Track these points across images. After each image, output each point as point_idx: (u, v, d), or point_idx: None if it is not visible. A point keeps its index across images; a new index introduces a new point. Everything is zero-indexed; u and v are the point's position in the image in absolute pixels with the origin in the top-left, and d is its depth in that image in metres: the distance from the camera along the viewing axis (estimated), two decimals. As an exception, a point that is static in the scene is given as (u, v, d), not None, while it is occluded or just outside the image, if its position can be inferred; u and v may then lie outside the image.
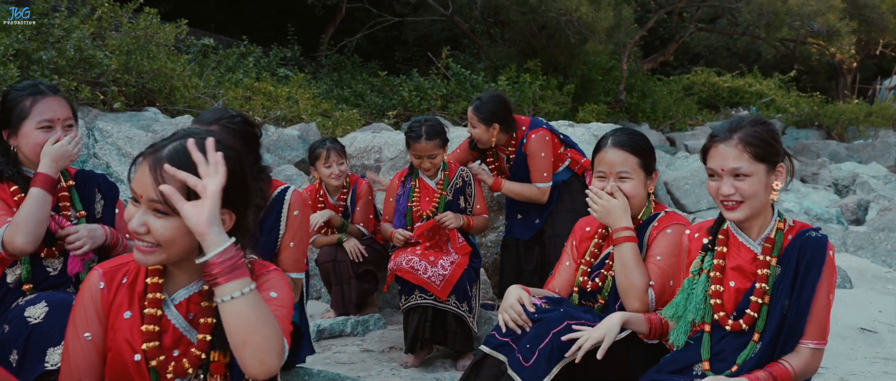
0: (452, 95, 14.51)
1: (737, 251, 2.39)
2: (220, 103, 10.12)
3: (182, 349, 1.84)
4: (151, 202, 1.71)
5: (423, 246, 4.15)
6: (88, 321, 1.82)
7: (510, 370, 2.50)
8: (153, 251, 1.74)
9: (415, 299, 3.99)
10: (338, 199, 4.82)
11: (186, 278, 1.88)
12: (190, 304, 1.87)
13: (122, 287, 1.85)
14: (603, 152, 2.83)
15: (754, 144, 2.30)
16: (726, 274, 2.38)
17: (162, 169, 1.68)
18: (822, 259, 2.28)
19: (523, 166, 4.50)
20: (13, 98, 2.70)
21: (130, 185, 1.75)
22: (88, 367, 1.81)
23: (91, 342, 1.81)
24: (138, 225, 1.71)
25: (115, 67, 8.69)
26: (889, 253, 7.13)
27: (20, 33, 8.06)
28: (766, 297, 2.28)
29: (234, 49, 14.29)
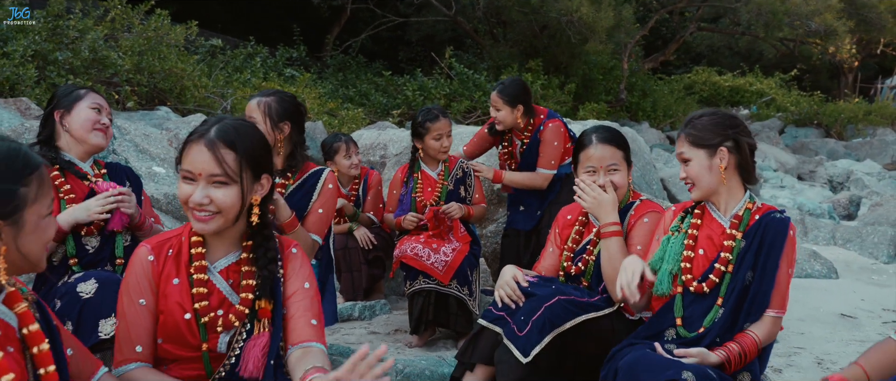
0: (455, 95, 14.77)
1: (709, 224, 2.68)
2: (228, 103, 10.38)
3: (226, 308, 2.12)
4: (211, 176, 2.02)
5: (426, 235, 4.41)
6: (141, 290, 2.10)
7: (505, 340, 2.77)
8: (213, 218, 2.05)
9: (419, 283, 4.25)
10: (350, 189, 5.11)
11: (225, 249, 2.17)
12: (230, 271, 2.16)
13: (169, 259, 2.14)
14: (590, 148, 3.09)
15: (691, 133, 2.62)
16: (698, 242, 2.66)
17: (226, 147, 2.02)
18: (784, 237, 2.57)
19: (535, 153, 4.75)
20: (65, 88, 3.04)
21: (182, 166, 2.03)
22: (144, 328, 2.09)
23: (145, 307, 2.09)
24: (202, 197, 2.02)
25: (128, 68, 8.93)
26: (876, 246, 7.38)
27: (37, 35, 8.31)
28: (730, 266, 2.56)
29: (242, 49, 14.52)
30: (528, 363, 2.67)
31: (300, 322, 2.10)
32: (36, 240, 1.64)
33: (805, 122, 20.75)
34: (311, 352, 2.04)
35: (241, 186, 2.06)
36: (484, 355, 2.90)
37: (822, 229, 8.00)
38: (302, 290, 2.15)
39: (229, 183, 2.04)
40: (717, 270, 2.58)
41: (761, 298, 2.54)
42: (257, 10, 20.61)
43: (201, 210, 2.04)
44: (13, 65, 7.51)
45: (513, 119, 4.72)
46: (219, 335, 2.10)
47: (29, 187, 1.61)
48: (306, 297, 2.14)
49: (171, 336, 2.09)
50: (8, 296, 1.67)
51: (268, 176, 2.15)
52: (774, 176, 12.16)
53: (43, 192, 1.65)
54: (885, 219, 8.52)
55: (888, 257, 7.25)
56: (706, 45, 30.08)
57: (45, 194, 1.65)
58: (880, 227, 7.63)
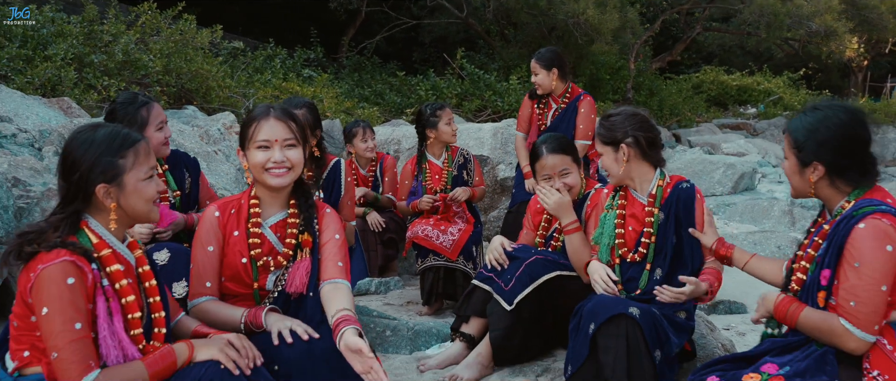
0: (466, 94, 15.31)
1: (632, 203, 3.24)
2: (250, 102, 10.95)
3: (273, 255, 2.70)
4: (285, 140, 2.64)
5: (435, 219, 5.00)
6: (210, 239, 2.68)
7: (495, 295, 3.35)
8: (288, 173, 2.66)
9: (429, 261, 4.84)
10: (368, 170, 5.70)
11: (275, 209, 2.76)
12: (278, 226, 2.74)
13: (231, 216, 2.72)
14: (543, 159, 3.61)
15: (600, 132, 3.20)
16: (626, 220, 3.22)
17: (288, 118, 2.68)
18: (693, 201, 3.17)
19: (565, 120, 5.35)
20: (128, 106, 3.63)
21: (258, 138, 2.63)
22: (211, 269, 2.67)
23: (213, 252, 2.67)
24: (281, 157, 2.62)
25: (158, 69, 9.47)
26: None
27: (74, 39, 8.93)
28: (653, 237, 3.13)
29: (262, 51, 15.05)
30: (513, 311, 3.25)
31: (330, 264, 2.67)
32: (137, 198, 2.21)
33: (810, 120, 21.12)
34: (339, 288, 2.59)
35: (303, 146, 2.69)
36: (476, 308, 3.50)
37: (808, 219, 8.49)
38: (333, 240, 2.72)
39: (297, 145, 2.67)
40: (644, 242, 3.15)
41: (697, 253, 3.11)
42: (276, 12, 21.14)
43: (279, 167, 2.63)
44: (54, 67, 8.09)
45: (549, 81, 5.33)
46: (267, 275, 2.68)
47: (126, 159, 2.19)
48: (336, 245, 2.71)
49: (232, 276, 2.67)
50: (130, 243, 2.29)
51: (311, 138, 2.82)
52: (773, 172, 12.63)
53: (140, 161, 2.22)
54: None
55: (869, 245, 7.74)
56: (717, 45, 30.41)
57: (141, 162, 2.22)
58: None
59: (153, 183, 2.25)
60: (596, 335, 2.81)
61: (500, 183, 6.11)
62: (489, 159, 6.47)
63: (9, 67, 7.93)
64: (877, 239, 2.26)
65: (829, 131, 2.44)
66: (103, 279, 2.11)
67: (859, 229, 2.30)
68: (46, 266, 1.99)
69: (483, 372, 3.41)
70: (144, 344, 2.17)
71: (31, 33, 8.87)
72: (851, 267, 2.29)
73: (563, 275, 3.33)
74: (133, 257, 2.27)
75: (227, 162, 6.08)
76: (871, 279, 2.25)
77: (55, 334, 1.96)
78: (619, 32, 15.40)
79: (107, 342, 2.05)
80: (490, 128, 7.32)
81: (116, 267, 2.15)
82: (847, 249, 2.32)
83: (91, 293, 2.05)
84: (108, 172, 2.15)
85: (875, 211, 2.31)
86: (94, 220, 2.19)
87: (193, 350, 2.19)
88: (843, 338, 2.31)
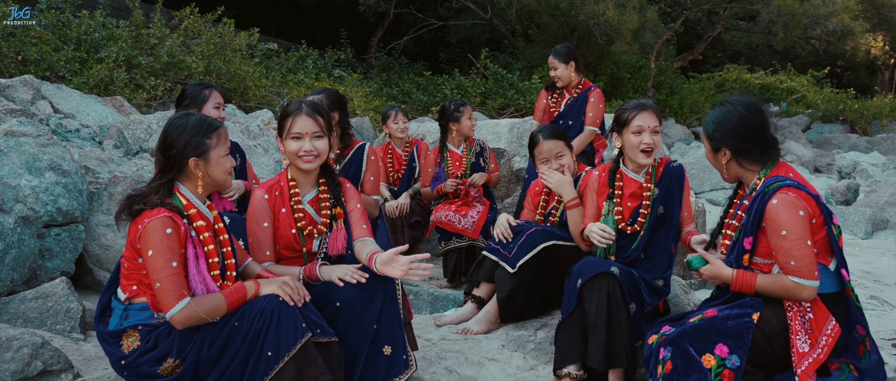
0: (490, 93, 15.86)
1: (629, 183, 3.78)
2: (284, 100, 11.60)
3: (314, 224, 3.33)
4: (314, 133, 3.23)
5: (456, 204, 5.61)
6: (263, 217, 3.30)
7: (501, 263, 3.94)
8: (316, 160, 3.26)
9: (452, 243, 5.46)
10: (404, 150, 6.29)
11: (309, 188, 3.39)
12: (313, 202, 3.37)
13: (277, 197, 3.35)
14: (541, 145, 4.17)
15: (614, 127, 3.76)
16: (624, 199, 3.77)
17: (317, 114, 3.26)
18: (682, 178, 3.75)
19: (575, 109, 5.98)
20: (194, 89, 4.37)
21: (292, 131, 3.25)
22: (267, 240, 3.29)
23: (267, 228, 3.30)
24: (311, 147, 3.23)
25: (200, 70, 10.15)
26: (856, 224, 8.35)
27: (123, 43, 9.63)
28: (649, 209, 3.69)
29: (294, 52, 15.73)
30: (516, 274, 3.86)
31: (357, 227, 3.35)
32: (219, 170, 2.86)
33: (831, 118, 21.37)
34: (366, 243, 3.27)
35: (328, 137, 3.29)
36: (486, 275, 4.14)
37: (809, 210, 8.97)
38: (356, 209, 3.39)
39: (323, 136, 3.27)
40: (643, 213, 3.71)
41: (676, 222, 3.71)
42: (308, 14, 21.83)
43: (309, 155, 3.24)
44: (107, 68, 8.78)
45: (568, 74, 5.99)
46: (312, 241, 3.31)
47: (211, 139, 2.83)
48: (358, 212, 3.38)
49: (285, 245, 3.31)
50: (208, 205, 2.95)
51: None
52: (786, 167, 13.04)
53: (221, 142, 2.87)
54: (876, 203, 9.44)
55: (865, 234, 8.22)
56: (744, 44, 30.65)
57: (222, 142, 2.87)
58: (868, 209, 8.58)
59: (229, 159, 2.89)
60: (582, 289, 3.39)
61: (515, 173, 6.68)
62: (506, 152, 7.04)
63: (66, 68, 8.62)
64: (790, 208, 2.80)
65: (731, 122, 3.01)
66: (191, 231, 2.75)
67: (773, 204, 2.84)
68: (151, 220, 2.64)
69: (491, 326, 4.04)
70: (221, 282, 2.81)
71: (85, 37, 9.59)
72: (780, 237, 2.82)
73: (559, 244, 3.92)
74: (211, 216, 2.92)
75: (267, 155, 6.70)
76: (798, 239, 2.80)
77: (158, 270, 2.60)
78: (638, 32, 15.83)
79: (194, 278, 2.70)
80: (507, 123, 7.93)
81: (200, 223, 2.81)
82: (767, 222, 2.86)
83: (183, 241, 2.70)
84: (198, 148, 2.81)
85: (781, 186, 2.87)
86: (184, 186, 2.84)
87: (259, 287, 2.82)
88: (797, 291, 2.84)
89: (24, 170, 4.56)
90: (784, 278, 2.86)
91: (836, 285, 2.93)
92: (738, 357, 2.77)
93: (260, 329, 2.66)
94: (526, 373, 3.58)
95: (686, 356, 2.81)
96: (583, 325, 3.38)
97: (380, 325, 3.05)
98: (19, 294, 3.99)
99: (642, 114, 3.68)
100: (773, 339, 2.86)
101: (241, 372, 2.66)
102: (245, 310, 2.71)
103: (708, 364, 2.79)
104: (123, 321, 2.75)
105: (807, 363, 2.78)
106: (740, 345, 2.79)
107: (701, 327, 2.87)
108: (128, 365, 2.69)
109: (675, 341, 2.86)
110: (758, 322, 2.85)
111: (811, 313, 2.85)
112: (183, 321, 2.64)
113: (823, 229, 2.90)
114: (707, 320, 2.89)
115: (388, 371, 3.04)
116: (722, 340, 2.82)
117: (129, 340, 2.71)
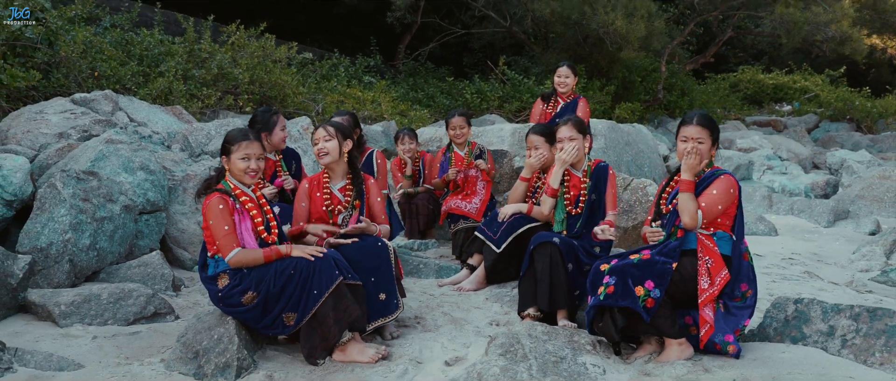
0: (507, 97, 17.07)
1: (570, 178, 5.03)
2: (320, 106, 12.86)
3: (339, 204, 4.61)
4: (324, 138, 4.56)
5: (462, 193, 6.86)
6: (303, 198, 4.62)
7: (488, 243, 5.24)
8: (326, 156, 4.56)
9: (460, 224, 6.68)
10: (414, 163, 7.52)
11: (339, 179, 4.69)
12: (342, 190, 4.66)
13: (314, 185, 4.65)
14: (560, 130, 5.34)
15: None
16: (570, 189, 5.01)
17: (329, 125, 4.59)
18: (607, 174, 5.00)
19: (567, 113, 7.17)
20: (264, 113, 5.65)
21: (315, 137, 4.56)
22: (304, 216, 4.61)
23: (304, 206, 4.61)
24: (322, 147, 4.55)
25: (246, 80, 11.36)
26: (820, 215, 9.49)
27: (180, 58, 10.96)
28: (585, 196, 4.94)
29: (327, 60, 16.90)
30: (500, 253, 5.14)
31: (378, 217, 4.66)
32: (236, 168, 4.08)
33: (839, 117, 22.16)
34: (383, 229, 4.57)
35: (337, 140, 4.58)
36: (478, 248, 5.51)
37: (784, 203, 10.10)
38: (376, 201, 4.68)
39: (331, 139, 4.57)
40: (581, 201, 4.97)
41: (602, 206, 4.95)
42: (339, 22, 23.01)
43: (320, 153, 4.56)
44: (167, 81, 10.10)
45: (573, 84, 7.51)
46: (338, 216, 4.59)
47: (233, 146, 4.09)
48: (379, 204, 4.68)
49: (318, 218, 4.61)
50: (253, 188, 4.23)
51: (349, 140, 4.67)
52: (780, 164, 14.12)
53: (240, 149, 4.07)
54: (847, 197, 10.53)
55: (828, 223, 9.35)
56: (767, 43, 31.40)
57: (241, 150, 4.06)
58: (825, 200, 9.70)
59: (243, 162, 4.10)
60: (532, 253, 4.68)
61: (515, 171, 7.89)
62: (508, 152, 8.25)
63: (132, 81, 9.91)
64: (726, 184, 4.02)
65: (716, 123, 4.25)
66: (237, 205, 4.03)
67: (721, 178, 4.05)
68: (210, 199, 3.97)
69: (479, 286, 5.39)
70: (266, 236, 4.11)
71: (146, 53, 10.95)
72: (711, 193, 4.01)
73: (531, 227, 5.18)
74: (255, 196, 4.20)
75: (306, 156, 7.98)
76: (716, 199, 3.98)
77: (216, 233, 3.92)
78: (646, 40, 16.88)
79: (242, 236, 3.98)
80: (509, 127, 9.20)
81: (244, 198, 4.09)
82: (710, 187, 4.03)
83: (232, 212, 3.98)
84: (226, 152, 4.13)
85: (723, 174, 4.09)
86: (231, 175, 4.14)
87: (292, 249, 4.08)
88: (689, 216, 3.98)
89: (122, 169, 5.89)
90: (696, 205, 4.00)
91: (730, 251, 4.09)
92: (660, 291, 3.95)
93: (307, 275, 3.93)
94: (502, 316, 4.86)
95: (624, 284, 3.95)
96: (534, 279, 4.64)
97: (377, 279, 4.32)
98: (125, 263, 5.35)
99: (562, 127, 5.03)
100: (687, 282, 4.02)
101: (296, 304, 3.93)
102: (297, 262, 3.96)
103: (638, 293, 3.94)
104: (216, 268, 4.03)
105: (706, 295, 3.97)
106: (662, 283, 3.95)
107: (639, 264, 4.02)
108: (223, 297, 3.98)
109: (618, 271, 4.02)
110: (677, 268, 4.01)
111: (712, 263, 4.04)
112: (235, 264, 3.92)
113: (736, 209, 4.10)
114: (643, 260, 4.03)
115: (382, 311, 4.32)
116: (650, 277, 3.96)
117: (222, 280, 3.99)
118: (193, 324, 4.04)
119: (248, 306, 3.92)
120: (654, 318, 3.93)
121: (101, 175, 5.48)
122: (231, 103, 11.05)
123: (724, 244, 4.09)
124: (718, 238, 4.07)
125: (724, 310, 4.07)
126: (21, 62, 8.49)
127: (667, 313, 3.96)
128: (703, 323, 3.93)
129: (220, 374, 3.78)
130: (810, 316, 4.14)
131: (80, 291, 4.63)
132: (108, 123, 7.43)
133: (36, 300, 4.55)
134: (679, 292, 4.01)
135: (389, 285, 4.34)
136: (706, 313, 3.94)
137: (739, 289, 4.12)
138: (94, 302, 4.56)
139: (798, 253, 7.68)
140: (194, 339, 3.94)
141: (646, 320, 3.91)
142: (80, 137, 7.05)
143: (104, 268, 5.26)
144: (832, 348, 3.98)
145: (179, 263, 6.01)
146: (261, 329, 4.02)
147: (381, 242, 4.40)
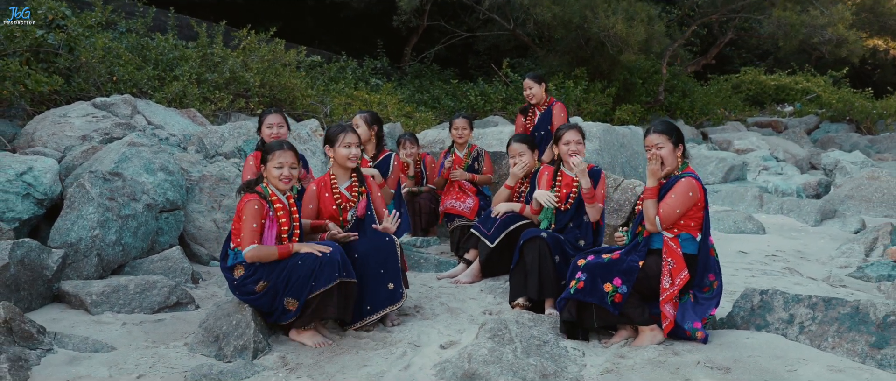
0: (510, 99, 17.47)
1: (563, 177, 5.43)
2: (328, 108, 13.26)
3: (347, 203, 5.02)
4: (357, 144, 5.00)
5: (456, 193, 7.28)
6: (311, 200, 5.02)
7: (483, 239, 5.65)
8: (356, 160, 5.00)
9: (456, 222, 7.11)
10: (415, 166, 7.95)
11: (345, 180, 5.09)
12: (348, 189, 5.07)
13: (323, 187, 5.06)
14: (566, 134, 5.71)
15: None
16: (561, 188, 5.42)
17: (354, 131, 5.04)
18: (599, 176, 5.38)
19: (545, 122, 7.65)
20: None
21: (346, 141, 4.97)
22: (313, 214, 5.01)
23: (313, 208, 5.01)
24: (357, 152, 4.99)
25: (257, 84, 11.73)
26: (808, 214, 9.86)
27: (193, 62, 11.37)
28: (576, 194, 5.34)
29: (335, 63, 17.27)
30: (494, 248, 5.56)
31: (380, 213, 5.06)
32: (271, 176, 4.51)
33: (839, 118, 22.47)
34: (386, 220, 4.96)
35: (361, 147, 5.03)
36: (473, 244, 5.93)
37: (774, 203, 10.48)
38: (378, 198, 5.10)
39: (361, 145, 5.02)
40: (572, 197, 5.37)
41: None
42: (347, 24, 23.39)
43: (355, 158, 4.97)
44: (181, 85, 10.51)
45: (541, 93, 7.77)
46: (347, 213, 5.01)
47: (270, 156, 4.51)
48: (379, 200, 5.10)
49: (326, 216, 5.01)
50: (288, 197, 4.64)
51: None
52: (776, 165, 14.48)
53: (275, 158, 4.47)
54: (837, 197, 10.89)
55: (815, 222, 9.72)
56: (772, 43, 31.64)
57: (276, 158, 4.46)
58: (815, 200, 10.07)
59: (278, 169, 4.50)
60: (522, 248, 5.09)
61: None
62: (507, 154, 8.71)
63: (148, 85, 10.32)
64: (685, 188, 4.36)
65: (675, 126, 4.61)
66: (270, 210, 4.45)
67: (681, 181, 4.40)
68: (249, 198, 4.38)
69: (474, 279, 5.82)
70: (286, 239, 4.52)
71: (161, 58, 11.38)
72: (669, 198, 4.37)
73: (521, 223, 5.59)
74: (288, 202, 4.61)
75: (314, 157, 8.39)
76: (673, 204, 4.36)
77: (244, 228, 4.33)
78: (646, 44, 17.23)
79: (265, 236, 4.40)
80: (510, 129, 9.60)
81: (278, 205, 4.50)
82: (670, 191, 4.39)
83: (264, 215, 4.40)
84: (265, 160, 4.53)
85: (685, 177, 4.42)
86: (268, 180, 4.55)
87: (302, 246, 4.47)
88: (649, 221, 4.39)
89: (143, 170, 6.32)
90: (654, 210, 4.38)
91: (696, 250, 4.48)
92: (627, 287, 4.37)
93: (313, 268, 4.35)
94: (495, 306, 5.29)
95: (594, 281, 4.40)
96: (524, 271, 5.06)
97: (385, 270, 4.76)
98: (148, 258, 5.79)
99: (569, 131, 5.35)
100: (651, 279, 4.44)
101: (299, 292, 4.35)
102: (306, 257, 4.39)
103: (606, 289, 4.38)
104: (235, 259, 4.45)
105: (666, 293, 4.39)
106: (628, 280, 4.38)
107: (607, 264, 4.45)
108: (238, 285, 4.42)
109: (590, 269, 4.45)
110: (642, 267, 4.43)
111: (674, 264, 4.45)
112: (250, 257, 4.31)
113: (702, 213, 4.45)
114: (613, 260, 4.46)
115: (390, 299, 4.75)
116: (618, 275, 4.39)
117: (238, 271, 4.43)
118: (214, 311, 4.48)
119: (260, 293, 4.36)
120: (623, 309, 4.37)
121: (125, 176, 5.92)
122: (243, 106, 11.43)
123: (689, 245, 4.45)
124: (683, 240, 4.42)
125: (694, 300, 4.48)
126: (44, 68, 8.95)
127: (636, 303, 4.39)
128: (664, 318, 4.35)
129: (238, 355, 4.21)
130: (773, 306, 4.55)
131: (109, 282, 5.07)
132: (127, 126, 7.88)
133: (69, 290, 5.00)
134: (645, 287, 4.42)
135: (396, 277, 4.79)
136: (667, 309, 4.35)
137: (707, 279, 4.50)
138: (122, 292, 5.00)
139: (782, 250, 8.03)
140: (215, 324, 4.38)
141: (614, 313, 4.36)
142: (102, 139, 7.49)
143: (129, 262, 5.70)
144: (791, 334, 4.39)
145: (197, 258, 6.44)
146: (270, 318, 4.48)
147: (389, 237, 4.85)
